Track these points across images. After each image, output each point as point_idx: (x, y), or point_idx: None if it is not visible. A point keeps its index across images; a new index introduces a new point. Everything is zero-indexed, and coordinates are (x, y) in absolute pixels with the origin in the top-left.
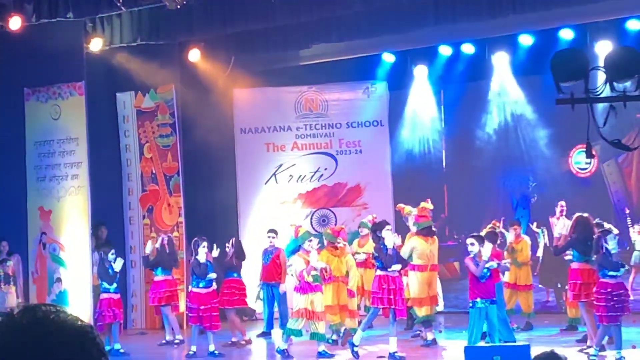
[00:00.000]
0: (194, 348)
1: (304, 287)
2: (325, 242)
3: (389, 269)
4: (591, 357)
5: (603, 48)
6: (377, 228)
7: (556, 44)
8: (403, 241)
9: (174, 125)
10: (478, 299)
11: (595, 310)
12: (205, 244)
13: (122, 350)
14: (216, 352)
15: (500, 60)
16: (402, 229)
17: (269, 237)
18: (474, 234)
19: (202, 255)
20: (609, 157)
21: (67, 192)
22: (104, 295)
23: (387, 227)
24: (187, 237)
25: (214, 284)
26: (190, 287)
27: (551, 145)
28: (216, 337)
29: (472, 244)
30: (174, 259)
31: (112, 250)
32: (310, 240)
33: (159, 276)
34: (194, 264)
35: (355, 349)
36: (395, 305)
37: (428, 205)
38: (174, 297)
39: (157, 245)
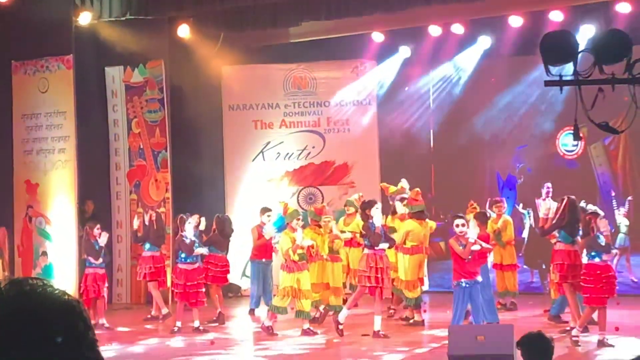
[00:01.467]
0: (179, 324)
1: (290, 266)
2: (309, 221)
3: (376, 248)
4: (574, 339)
5: (592, 30)
6: (366, 207)
7: (546, 26)
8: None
9: (163, 101)
10: (462, 280)
11: (582, 292)
12: (191, 219)
13: (106, 325)
14: (201, 327)
15: (490, 41)
16: (387, 208)
17: (268, 215)
18: (461, 214)
19: (189, 232)
20: (596, 139)
21: (54, 166)
22: (89, 270)
23: (376, 205)
24: (173, 213)
25: (200, 260)
26: (176, 263)
27: (539, 127)
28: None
29: (462, 225)
30: (162, 234)
31: (98, 225)
32: (298, 219)
33: (146, 252)
34: (180, 241)
35: (340, 326)
36: (382, 284)
37: (405, 184)
38: (160, 273)
39: (146, 221)
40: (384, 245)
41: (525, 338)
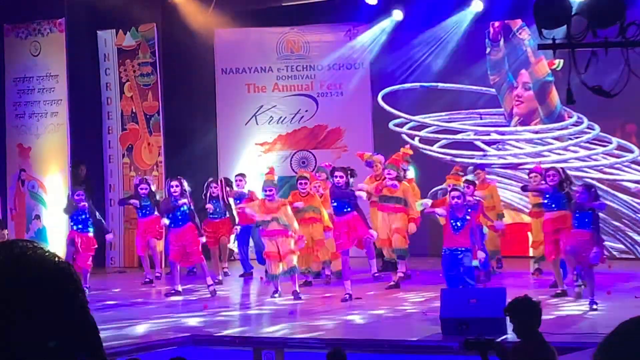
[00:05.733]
0: (178, 287)
1: (261, 232)
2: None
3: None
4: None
5: None
6: (334, 171)
7: None
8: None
9: (155, 64)
10: (445, 247)
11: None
12: (174, 182)
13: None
14: (211, 288)
15: (483, 4)
16: (363, 175)
17: (236, 180)
18: (457, 186)
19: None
20: None
21: (46, 130)
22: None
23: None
24: (166, 177)
25: (191, 219)
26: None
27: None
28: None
29: (458, 197)
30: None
31: (77, 192)
32: (270, 190)
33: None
34: (164, 202)
35: (347, 295)
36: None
37: (408, 150)
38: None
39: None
40: None
41: (512, 304)
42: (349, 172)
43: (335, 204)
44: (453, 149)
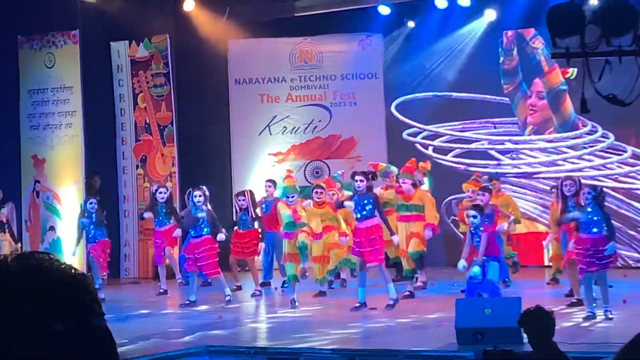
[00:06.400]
0: (192, 297)
1: (285, 234)
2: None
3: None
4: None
5: (599, 2)
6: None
7: None
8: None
9: (168, 75)
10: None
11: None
12: (198, 192)
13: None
14: (230, 298)
15: (496, 13)
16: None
17: (266, 185)
18: (475, 204)
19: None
20: None
21: (60, 141)
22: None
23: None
24: (180, 188)
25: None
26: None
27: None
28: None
29: (474, 217)
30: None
31: (90, 200)
32: (292, 196)
33: (167, 225)
34: (186, 217)
35: (358, 305)
36: (364, 255)
37: (426, 165)
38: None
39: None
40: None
41: (525, 315)
42: (370, 175)
43: (354, 209)
44: (467, 159)
